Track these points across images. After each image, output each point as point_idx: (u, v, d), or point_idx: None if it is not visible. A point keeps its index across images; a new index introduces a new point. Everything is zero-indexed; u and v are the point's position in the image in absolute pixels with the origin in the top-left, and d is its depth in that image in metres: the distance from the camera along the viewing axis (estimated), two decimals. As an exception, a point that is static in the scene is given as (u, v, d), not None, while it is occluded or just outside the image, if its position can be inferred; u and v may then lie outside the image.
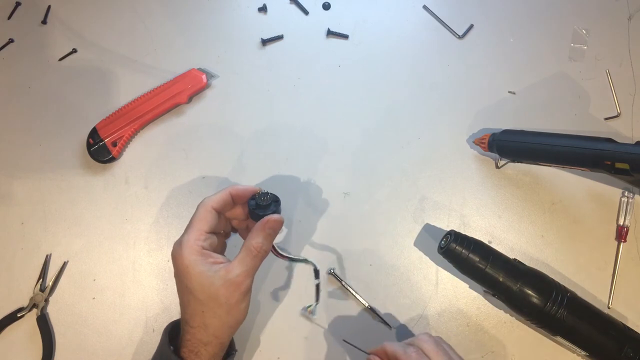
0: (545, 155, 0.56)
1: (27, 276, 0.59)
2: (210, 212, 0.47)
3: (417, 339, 0.47)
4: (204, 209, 0.47)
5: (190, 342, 0.46)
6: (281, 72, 0.66)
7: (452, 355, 0.46)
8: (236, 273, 0.45)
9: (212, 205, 0.47)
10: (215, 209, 0.47)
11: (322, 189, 0.62)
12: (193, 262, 0.45)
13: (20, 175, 0.62)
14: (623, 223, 0.59)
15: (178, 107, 0.64)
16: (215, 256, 0.46)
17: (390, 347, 0.46)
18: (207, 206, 0.47)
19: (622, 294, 0.57)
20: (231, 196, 0.49)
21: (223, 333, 0.46)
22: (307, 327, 0.57)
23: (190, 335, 0.46)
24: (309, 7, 0.68)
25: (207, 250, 0.46)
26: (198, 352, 0.45)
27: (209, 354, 0.46)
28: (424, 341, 0.46)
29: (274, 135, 0.64)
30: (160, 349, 0.48)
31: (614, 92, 0.64)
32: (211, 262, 0.45)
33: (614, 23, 0.67)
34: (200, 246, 0.46)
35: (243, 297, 0.46)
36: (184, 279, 0.45)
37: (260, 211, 0.48)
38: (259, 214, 0.48)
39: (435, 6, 0.68)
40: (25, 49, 0.67)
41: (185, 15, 0.68)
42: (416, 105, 0.65)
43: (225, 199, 0.48)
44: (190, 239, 0.46)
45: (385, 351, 0.47)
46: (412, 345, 0.46)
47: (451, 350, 0.48)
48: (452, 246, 0.52)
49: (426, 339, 0.46)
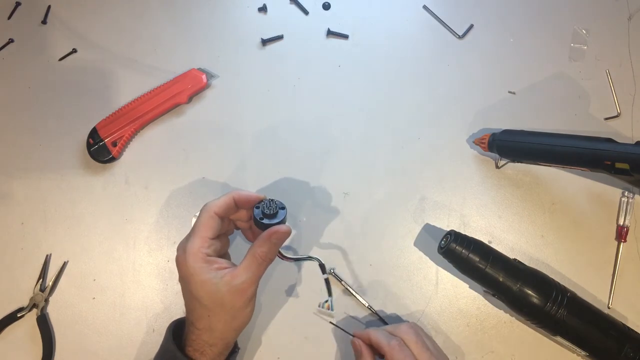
0: (545, 155, 0.56)
1: (27, 276, 0.59)
2: (213, 218, 0.47)
3: (399, 329, 0.50)
4: (207, 214, 0.47)
5: (195, 342, 0.46)
6: (281, 72, 0.66)
7: (429, 345, 0.49)
8: (242, 280, 0.45)
9: (215, 211, 0.47)
10: (218, 214, 0.47)
11: (322, 189, 0.62)
12: (198, 270, 0.45)
13: (20, 175, 0.62)
14: (623, 223, 0.59)
15: (178, 107, 0.64)
16: (220, 261, 0.47)
17: (375, 336, 0.49)
18: (210, 212, 0.47)
19: (622, 294, 0.57)
20: (234, 202, 0.49)
21: (228, 335, 0.47)
22: (307, 327, 0.57)
23: (195, 335, 0.46)
24: (309, 7, 0.68)
25: (211, 257, 0.46)
26: (204, 352, 0.46)
27: (214, 353, 0.47)
28: (405, 332, 0.49)
29: (274, 135, 0.64)
30: (164, 346, 0.48)
31: (614, 92, 0.64)
32: (216, 268, 0.46)
33: (614, 23, 0.67)
34: (205, 254, 0.46)
35: (248, 303, 0.46)
36: (189, 286, 0.46)
37: (267, 220, 0.48)
38: (266, 224, 0.47)
39: (435, 6, 0.68)
40: (25, 49, 0.67)
41: (186, 15, 0.68)
42: (416, 105, 0.65)
43: (228, 203, 0.48)
44: (195, 247, 0.46)
45: (369, 338, 0.49)
46: (395, 337, 0.48)
47: (429, 340, 0.50)
48: (452, 246, 0.52)
49: (407, 330, 0.49)
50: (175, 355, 0.46)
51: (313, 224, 0.61)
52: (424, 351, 0.47)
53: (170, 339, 0.48)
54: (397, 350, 0.47)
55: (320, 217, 0.61)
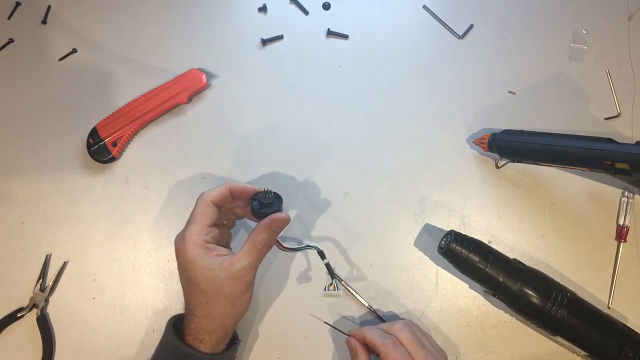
0: (545, 155, 0.56)
1: (27, 276, 0.59)
2: (209, 206, 0.48)
3: (394, 327, 0.49)
4: (203, 203, 0.48)
5: (194, 330, 0.47)
6: (281, 72, 0.66)
7: (425, 342, 0.49)
8: (240, 266, 0.45)
9: (212, 199, 0.48)
10: (215, 203, 0.48)
11: (322, 189, 0.62)
12: (197, 256, 0.45)
13: (20, 175, 0.62)
14: (623, 223, 0.59)
15: (178, 107, 0.64)
16: (219, 249, 0.47)
17: (369, 335, 0.49)
18: (207, 200, 0.48)
19: (622, 294, 0.57)
20: (230, 192, 0.49)
21: (227, 322, 0.47)
22: (307, 327, 0.57)
23: (194, 324, 0.47)
24: (309, 7, 0.68)
25: (210, 243, 0.47)
26: (203, 340, 0.46)
27: (213, 341, 0.47)
28: (400, 330, 0.49)
29: (274, 135, 0.64)
30: (164, 339, 0.49)
31: (614, 92, 0.64)
32: (215, 254, 0.46)
33: (614, 23, 0.67)
34: (203, 240, 0.46)
35: (247, 289, 0.47)
36: (188, 273, 0.46)
37: (265, 209, 0.48)
38: (264, 213, 0.48)
39: (435, 6, 0.68)
40: (25, 49, 0.67)
41: (185, 15, 0.68)
42: (416, 105, 0.65)
43: (224, 193, 0.49)
44: (193, 233, 0.46)
45: (364, 337, 0.49)
46: (389, 335, 0.48)
47: (425, 336, 0.50)
48: (452, 246, 0.52)
49: (401, 328, 0.49)
50: (176, 345, 0.46)
51: (313, 224, 0.61)
52: (419, 349, 0.47)
53: (170, 330, 0.48)
54: (391, 348, 0.47)
55: (320, 217, 0.61)
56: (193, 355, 0.46)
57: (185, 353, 0.46)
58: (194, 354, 0.46)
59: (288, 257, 0.59)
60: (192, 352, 0.46)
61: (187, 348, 0.46)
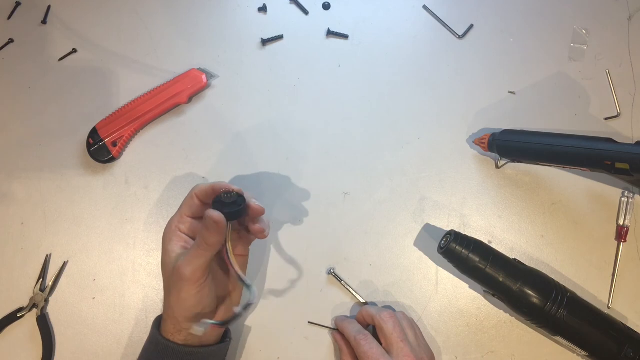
0: (545, 155, 0.56)
1: (27, 276, 0.59)
2: (192, 198, 0.49)
3: (379, 317, 0.51)
4: (189, 195, 0.50)
5: (167, 322, 0.47)
6: (281, 72, 0.66)
7: (409, 336, 0.50)
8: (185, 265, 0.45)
9: (196, 193, 0.49)
10: (198, 196, 0.49)
11: (322, 189, 0.62)
12: (167, 240, 0.48)
13: (20, 175, 0.62)
14: (623, 223, 0.59)
15: (178, 107, 0.64)
16: (189, 241, 0.49)
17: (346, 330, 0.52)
18: (192, 193, 0.50)
19: (622, 294, 0.57)
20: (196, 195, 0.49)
21: (181, 314, 0.46)
22: (307, 327, 0.57)
23: (166, 315, 0.48)
24: (309, 7, 0.68)
25: (182, 233, 0.49)
26: (180, 330, 0.47)
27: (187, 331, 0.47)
28: (384, 321, 0.50)
29: (274, 135, 0.64)
30: (149, 336, 0.50)
31: (614, 92, 0.64)
32: (181, 246, 0.48)
33: (614, 23, 0.67)
34: (177, 227, 0.49)
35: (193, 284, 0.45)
36: (162, 256, 0.48)
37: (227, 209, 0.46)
38: (225, 213, 0.45)
39: (435, 6, 0.68)
40: (25, 49, 0.67)
41: (185, 15, 0.68)
42: (416, 105, 0.65)
43: (207, 191, 0.49)
44: (174, 220, 0.49)
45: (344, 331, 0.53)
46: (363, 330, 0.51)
47: (412, 330, 0.51)
48: (452, 246, 0.52)
49: (387, 319, 0.50)
50: (157, 338, 0.47)
51: (313, 224, 0.61)
52: (398, 341, 0.48)
53: (154, 326, 0.49)
54: (362, 344, 0.49)
55: (320, 217, 0.61)
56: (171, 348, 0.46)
57: (164, 346, 0.46)
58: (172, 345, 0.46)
59: (288, 257, 0.59)
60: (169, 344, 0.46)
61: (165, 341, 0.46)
